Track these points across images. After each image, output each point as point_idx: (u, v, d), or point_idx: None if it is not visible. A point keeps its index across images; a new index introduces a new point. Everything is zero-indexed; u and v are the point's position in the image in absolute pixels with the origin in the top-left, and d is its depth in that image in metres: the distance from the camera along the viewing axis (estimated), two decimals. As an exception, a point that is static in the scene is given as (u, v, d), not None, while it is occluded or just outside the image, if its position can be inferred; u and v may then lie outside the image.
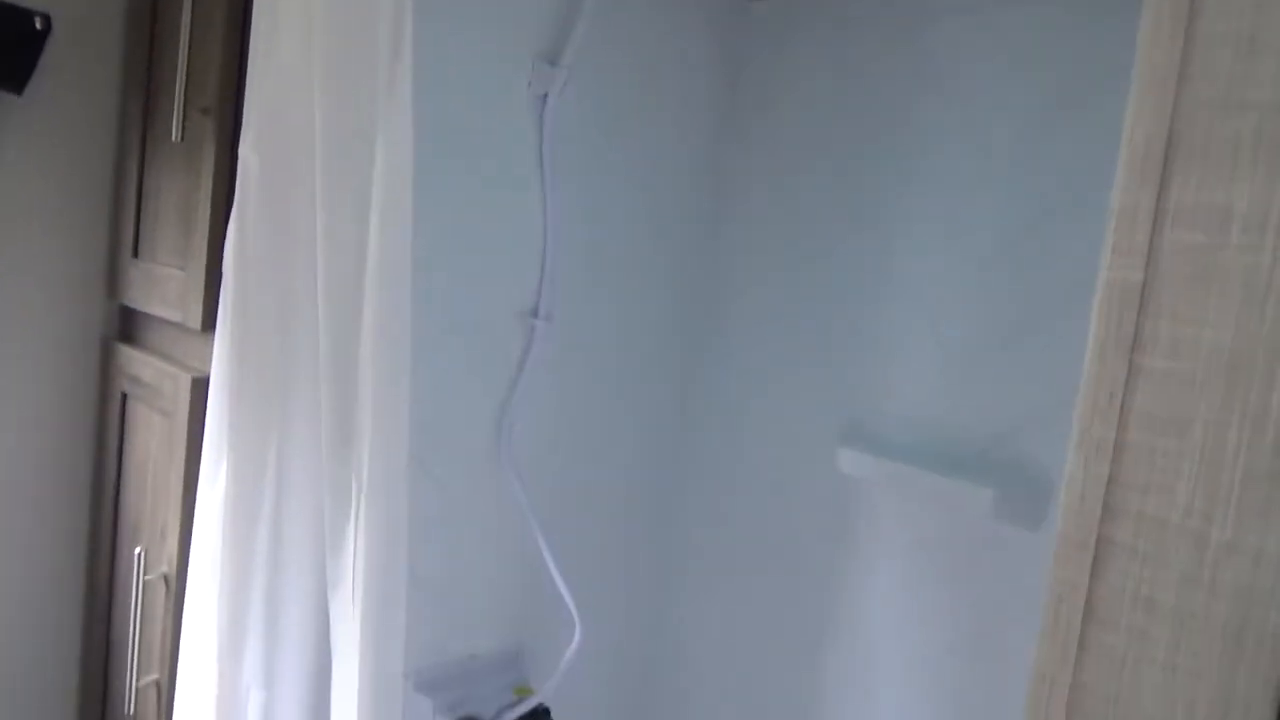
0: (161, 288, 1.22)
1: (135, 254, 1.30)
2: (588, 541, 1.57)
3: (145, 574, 1.18)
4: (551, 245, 1.28)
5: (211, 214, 1.09)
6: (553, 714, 1.44)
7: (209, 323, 1.04)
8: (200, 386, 1.09)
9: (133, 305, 1.31)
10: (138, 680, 1.19)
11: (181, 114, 1.15)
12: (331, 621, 0.84)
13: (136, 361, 1.28)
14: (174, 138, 1.16)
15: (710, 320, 1.63)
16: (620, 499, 1.63)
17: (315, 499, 0.84)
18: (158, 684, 1.18)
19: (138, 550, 1.18)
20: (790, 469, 1.53)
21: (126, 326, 1.38)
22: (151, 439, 1.24)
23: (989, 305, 1.28)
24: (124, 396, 1.32)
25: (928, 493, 1.33)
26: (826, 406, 1.48)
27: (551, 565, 1.36)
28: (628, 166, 1.44)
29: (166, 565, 1.17)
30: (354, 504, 0.77)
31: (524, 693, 1.45)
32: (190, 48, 1.14)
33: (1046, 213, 1.22)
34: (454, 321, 1.25)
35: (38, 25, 1.24)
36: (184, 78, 1.14)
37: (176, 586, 1.12)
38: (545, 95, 1.25)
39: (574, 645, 1.37)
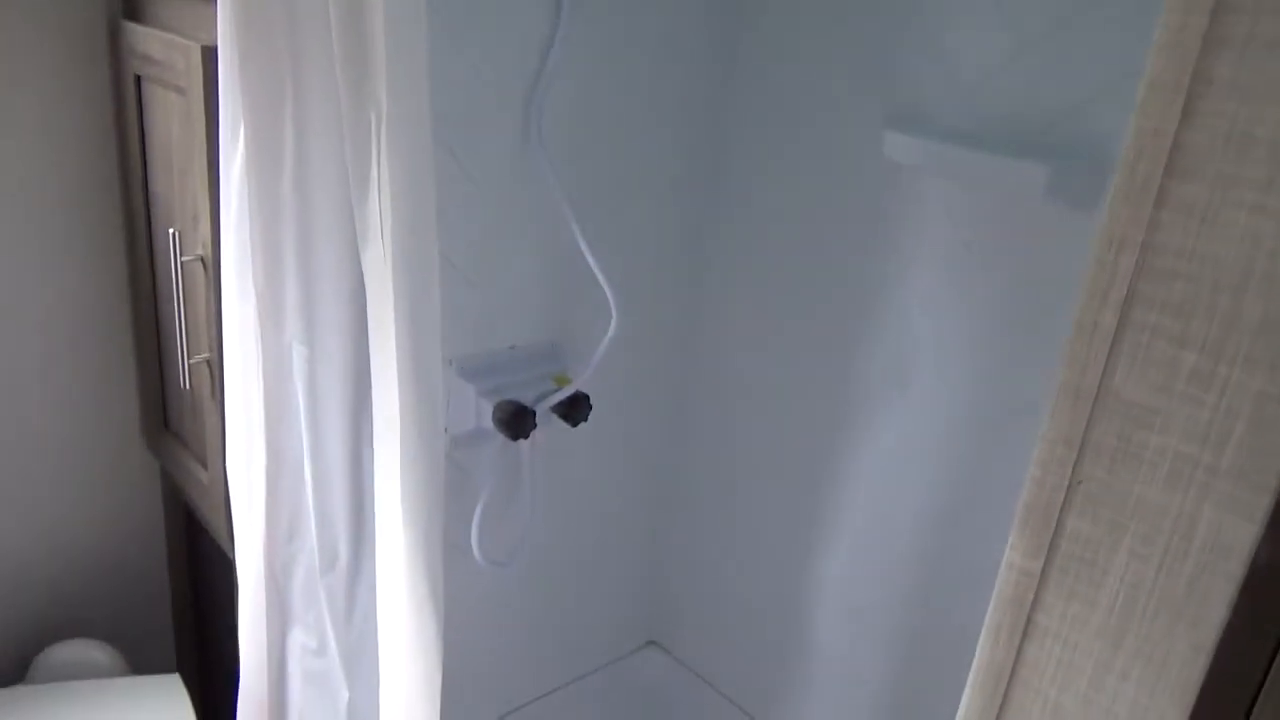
0: (160, -49, 1.13)
1: (128, -84, 1.20)
2: (623, 231, 1.54)
3: (182, 255, 1.19)
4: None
5: None
6: (591, 401, 1.50)
7: (212, -16, 0.96)
8: (211, 55, 1.03)
9: (134, -24, 1.23)
10: (189, 358, 1.23)
11: None
12: (365, 279, 0.83)
13: (145, 38, 1.22)
14: None
15: (755, -7, 1.51)
16: (655, 187, 1.59)
17: (337, 146, 0.81)
18: (208, 362, 1.22)
19: (171, 231, 1.18)
20: (833, 155, 1.46)
21: (131, 3, 1.31)
22: (171, 120, 1.20)
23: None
24: (138, 79, 1.27)
25: (977, 175, 1.27)
26: (873, 87, 1.39)
27: (587, 251, 1.34)
28: None
29: (202, 248, 1.17)
30: (374, 142, 0.74)
31: (562, 382, 1.49)
32: None
33: None
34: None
35: None
36: None
37: (214, 268, 1.12)
38: None
39: (610, 331, 1.38)
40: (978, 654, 0.48)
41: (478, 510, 1.44)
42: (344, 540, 0.98)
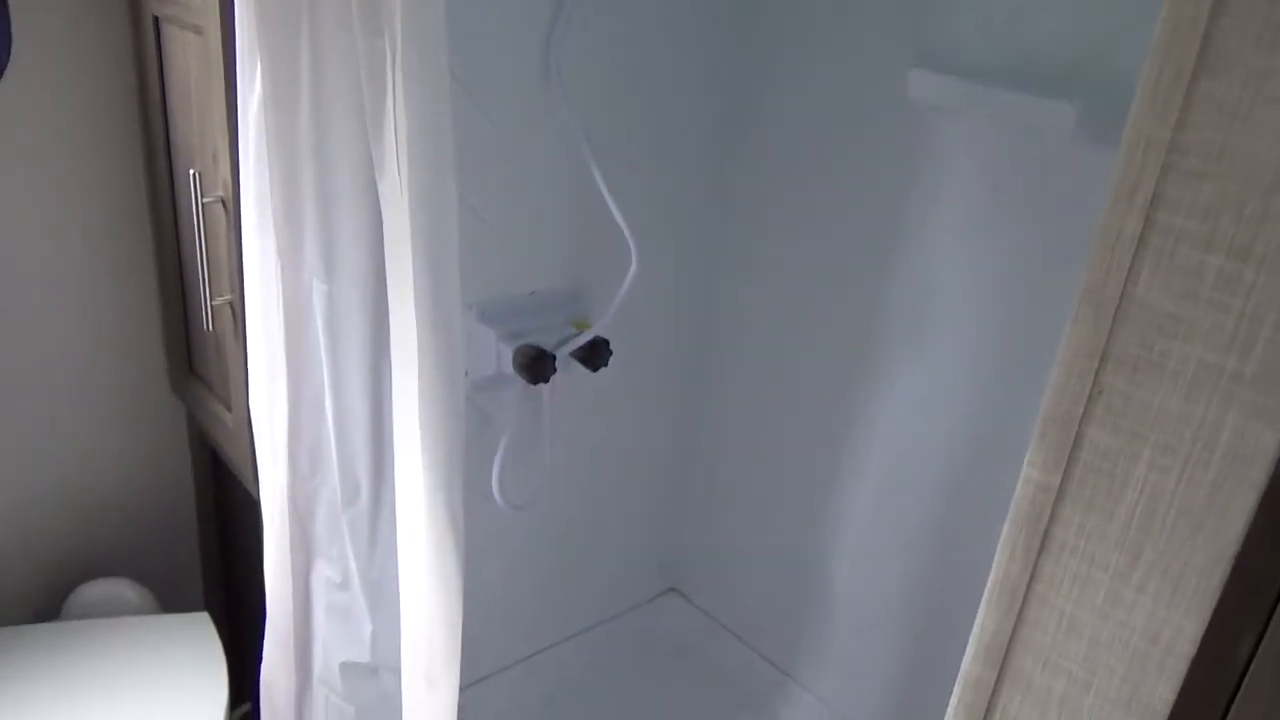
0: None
1: None
2: (643, 173, 1.53)
3: (203, 197, 1.19)
4: None
5: None
6: (611, 346, 1.49)
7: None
8: (228, -10, 1.02)
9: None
10: (211, 301, 1.24)
11: None
12: (383, 214, 0.83)
13: (162, -23, 1.21)
14: None
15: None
16: (676, 129, 1.57)
17: (354, 80, 0.80)
18: (231, 305, 1.23)
19: (191, 172, 1.18)
20: (859, 95, 1.44)
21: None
22: (189, 60, 1.19)
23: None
24: (156, 21, 1.27)
25: (1004, 114, 1.24)
26: (900, 25, 1.36)
27: (606, 194, 1.33)
28: None
29: (222, 189, 1.17)
30: (390, 73, 0.73)
31: (582, 327, 1.49)
32: None
33: None
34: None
35: None
36: None
37: (234, 209, 1.12)
38: None
39: (630, 274, 1.38)
40: (993, 570, 0.48)
41: (498, 454, 1.45)
42: (365, 475, 0.99)
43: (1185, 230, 0.39)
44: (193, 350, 1.43)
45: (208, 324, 1.25)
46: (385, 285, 0.86)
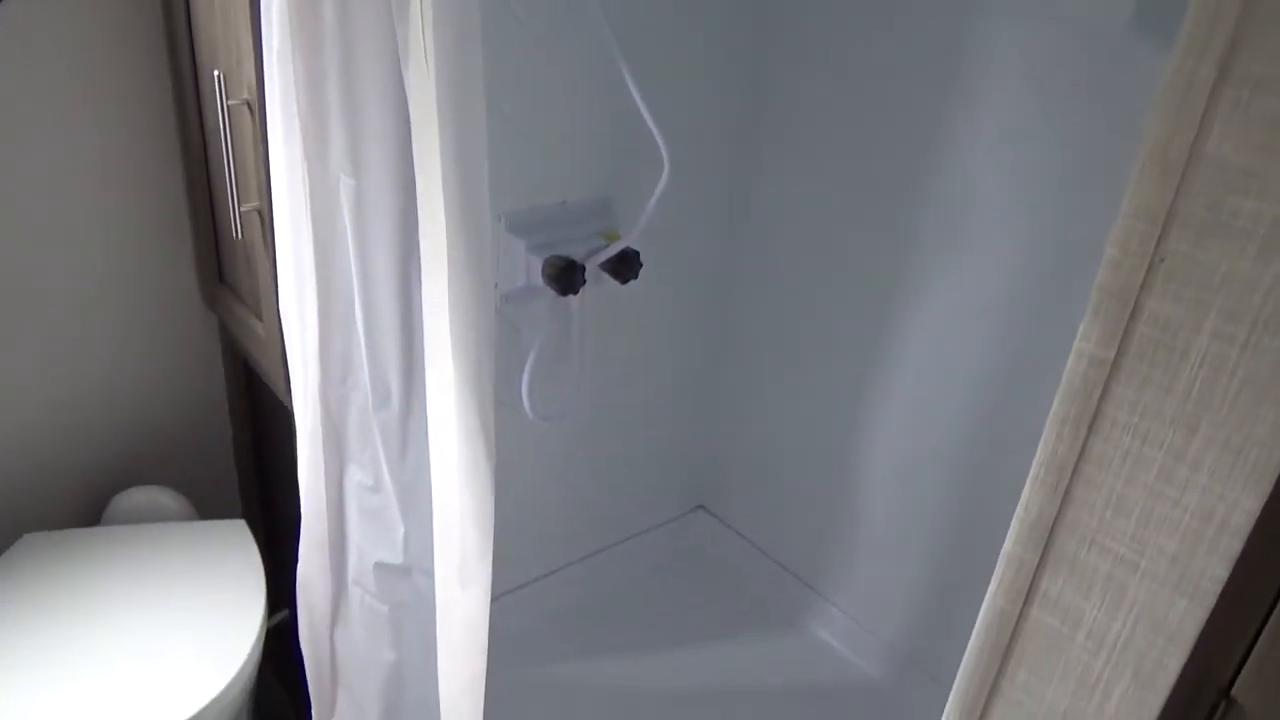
0: None
1: None
2: (677, 79, 1.49)
3: (229, 99, 1.17)
4: None
5: None
6: (641, 259, 1.47)
7: None
8: (248, -121, 0.99)
9: None
10: (240, 207, 1.23)
11: None
12: (409, 105, 0.81)
13: None
14: None
15: None
16: (710, 34, 1.52)
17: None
18: (259, 211, 1.22)
19: (216, 74, 1.16)
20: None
21: None
22: (211, -43, 1.17)
23: None
24: (177, -85, 1.23)
25: (1056, 5, 1.19)
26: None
27: (639, 99, 1.30)
28: None
29: (247, 92, 1.15)
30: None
31: (612, 238, 1.47)
32: None
33: None
34: None
35: None
36: None
37: (259, 112, 1.10)
38: None
39: (662, 183, 1.35)
40: (1040, 449, 0.47)
41: (527, 366, 1.44)
42: (395, 378, 0.99)
43: (1265, 77, 0.37)
44: (223, 260, 1.43)
45: (236, 232, 1.24)
46: (413, 184, 0.84)
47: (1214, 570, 0.42)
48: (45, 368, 1.44)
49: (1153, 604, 0.44)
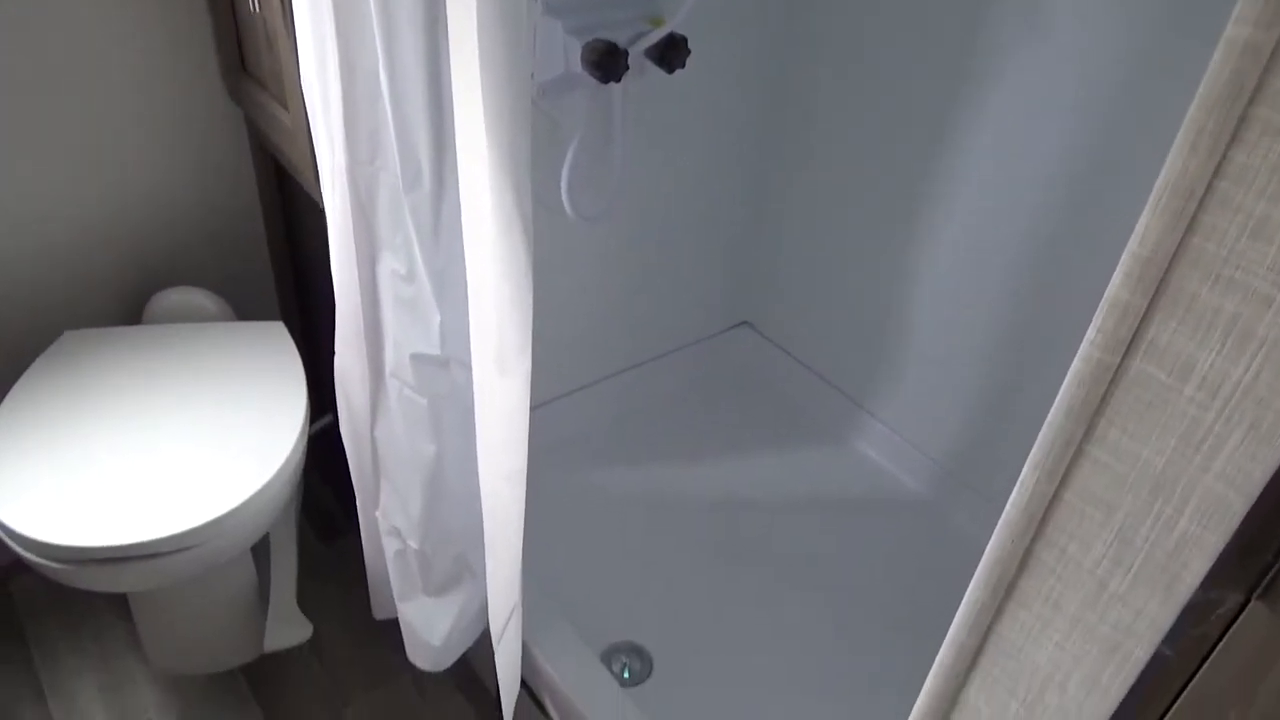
0: None
1: None
2: None
3: None
4: None
5: None
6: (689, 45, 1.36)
7: None
8: None
9: None
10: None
11: None
12: None
13: None
14: None
15: None
16: None
17: None
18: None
19: None
20: None
21: None
22: None
23: None
24: None
25: None
26: None
27: None
28: None
29: None
30: None
31: (658, 23, 1.35)
32: None
33: None
34: None
35: None
36: None
37: None
38: None
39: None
40: (1165, 170, 0.40)
41: (566, 161, 1.37)
42: (426, 155, 0.93)
43: None
44: (244, 46, 1.35)
45: (254, 5, 1.15)
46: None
47: (1368, 301, 0.36)
48: (75, 169, 1.39)
49: (1285, 344, 0.38)
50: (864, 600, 1.57)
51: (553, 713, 1.33)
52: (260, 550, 1.51)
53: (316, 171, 1.11)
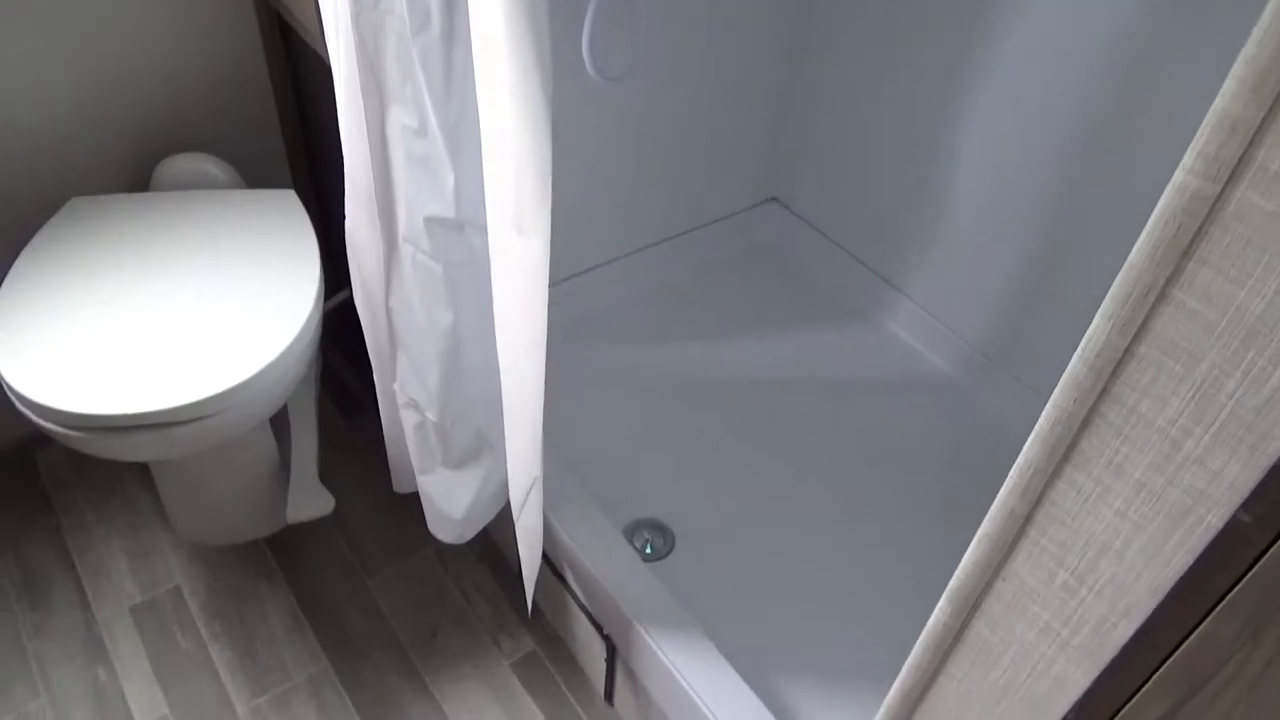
0: None
1: None
2: None
3: None
4: None
5: None
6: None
7: None
8: None
9: None
10: None
11: None
12: None
13: None
14: None
15: None
16: None
17: None
18: None
19: None
20: None
21: None
22: None
23: None
24: None
25: None
26: None
27: None
28: None
29: None
30: None
31: None
32: None
33: None
34: None
35: None
36: None
37: None
38: None
39: None
40: (1248, 46, 0.33)
41: (588, 14, 1.28)
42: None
43: None
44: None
45: None
46: None
47: None
48: (76, 33, 1.32)
49: None
50: (890, 480, 1.55)
51: (575, 587, 1.33)
52: (281, 424, 1.49)
53: (321, 25, 1.04)
